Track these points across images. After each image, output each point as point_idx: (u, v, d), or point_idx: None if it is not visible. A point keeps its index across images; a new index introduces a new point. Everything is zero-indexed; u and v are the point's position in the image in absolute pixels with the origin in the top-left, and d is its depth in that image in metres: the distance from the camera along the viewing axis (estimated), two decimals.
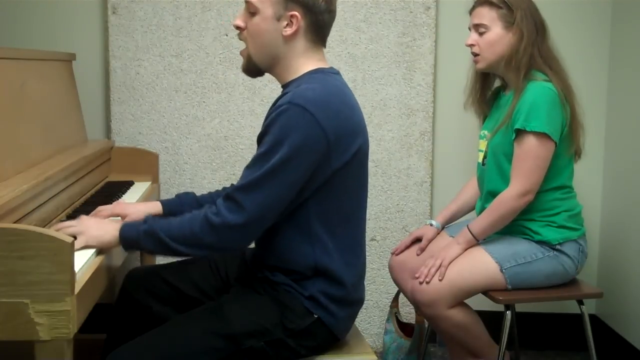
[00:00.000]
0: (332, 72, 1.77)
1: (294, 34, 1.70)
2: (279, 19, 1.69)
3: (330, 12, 1.73)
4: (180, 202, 1.98)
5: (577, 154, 2.27)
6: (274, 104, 1.72)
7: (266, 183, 1.61)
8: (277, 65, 1.75)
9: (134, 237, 1.68)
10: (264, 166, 1.61)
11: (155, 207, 1.97)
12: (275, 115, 1.62)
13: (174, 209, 1.96)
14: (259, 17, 1.71)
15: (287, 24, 1.69)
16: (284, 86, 1.77)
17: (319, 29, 1.73)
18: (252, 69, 1.79)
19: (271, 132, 1.62)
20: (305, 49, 1.73)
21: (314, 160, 1.63)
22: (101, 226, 1.72)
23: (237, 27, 1.76)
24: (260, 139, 1.68)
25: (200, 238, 1.63)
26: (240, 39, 1.77)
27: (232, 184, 2.04)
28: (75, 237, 1.58)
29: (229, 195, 1.64)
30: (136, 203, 2.04)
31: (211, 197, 2.00)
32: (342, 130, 1.66)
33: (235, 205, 1.61)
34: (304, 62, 1.74)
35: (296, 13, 1.68)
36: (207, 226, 1.62)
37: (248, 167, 1.66)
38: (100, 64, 2.89)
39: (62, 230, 1.69)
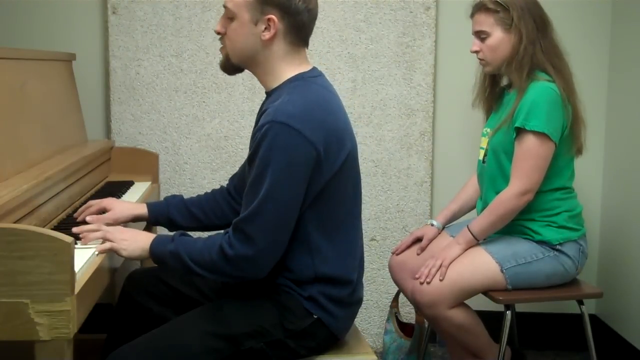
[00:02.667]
0: (313, 76, 1.74)
1: (273, 38, 1.68)
2: (256, 23, 1.67)
3: (310, 12, 1.69)
4: (166, 204, 1.99)
5: (579, 151, 2.27)
6: (257, 121, 1.71)
7: (266, 208, 1.60)
8: (257, 68, 1.74)
9: (161, 255, 1.69)
10: (260, 192, 1.60)
11: (141, 209, 1.98)
12: (261, 136, 1.60)
13: (160, 212, 1.98)
14: (237, 22, 1.69)
15: (265, 28, 1.67)
16: (267, 93, 1.76)
17: (298, 30, 1.69)
18: (229, 68, 1.78)
19: (259, 155, 1.61)
20: (286, 52, 1.71)
21: (307, 174, 1.62)
22: (135, 239, 1.72)
23: (217, 33, 1.75)
24: (250, 160, 1.67)
25: (218, 266, 1.64)
26: (222, 44, 1.76)
27: (221, 186, 2.05)
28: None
29: (237, 226, 1.63)
30: (123, 201, 2.06)
31: (199, 200, 2.00)
32: (328, 139, 1.64)
33: (245, 236, 1.61)
34: (285, 67, 1.72)
35: (273, 16, 1.65)
36: (222, 257, 1.63)
37: (246, 194, 1.65)
38: (100, 64, 2.89)
39: (103, 234, 1.72)
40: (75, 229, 1.72)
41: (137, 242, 1.72)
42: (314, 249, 1.70)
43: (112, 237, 1.72)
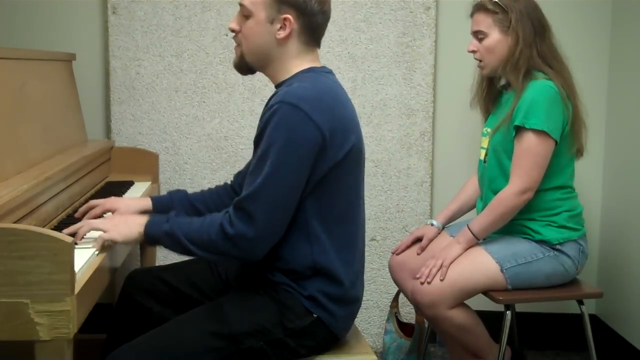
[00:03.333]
0: (325, 71, 1.77)
1: (288, 37, 1.71)
2: (272, 22, 1.70)
3: (324, 14, 1.72)
4: (170, 198, 1.99)
5: (580, 152, 2.27)
6: (267, 104, 1.72)
7: (269, 187, 1.61)
8: (269, 67, 1.76)
9: (156, 235, 1.70)
10: (263, 170, 1.61)
11: (145, 203, 1.98)
12: (269, 116, 1.63)
13: (164, 206, 1.98)
14: (253, 20, 1.71)
15: (280, 27, 1.70)
16: (277, 86, 1.78)
17: (312, 31, 1.73)
18: (244, 67, 1.80)
19: (266, 134, 1.63)
20: (299, 51, 1.73)
21: (312, 156, 1.63)
22: (127, 222, 1.73)
23: (232, 30, 1.76)
24: (256, 141, 1.68)
25: (217, 246, 1.65)
26: (236, 42, 1.78)
27: (225, 183, 2.06)
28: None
29: (239, 204, 1.63)
30: (126, 198, 2.06)
31: (203, 196, 2.01)
32: (335, 126, 1.66)
33: (246, 215, 1.62)
34: (297, 64, 1.74)
35: (289, 16, 1.68)
36: (222, 235, 1.63)
37: (250, 173, 1.66)
38: (100, 64, 2.89)
39: (90, 225, 1.72)
40: (65, 231, 1.71)
41: (129, 225, 1.72)
42: (312, 238, 1.70)
43: (102, 227, 1.72)
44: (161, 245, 1.71)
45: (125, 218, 1.76)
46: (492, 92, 2.39)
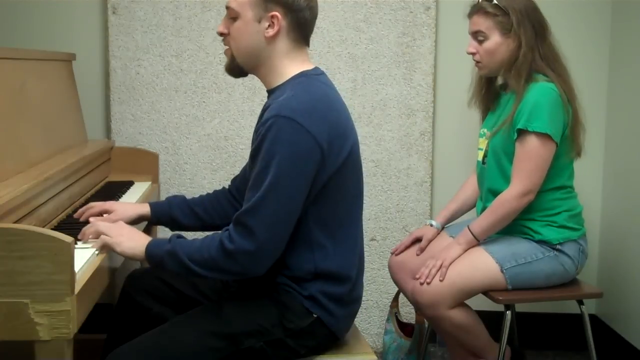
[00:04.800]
0: (316, 74, 1.75)
1: (276, 35, 1.70)
2: (259, 20, 1.69)
3: (311, 9, 1.72)
4: (168, 204, 1.99)
5: (578, 153, 2.27)
6: (260, 117, 1.71)
7: (269, 202, 1.60)
8: (261, 67, 1.75)
9: (158, 256, 1.68)
10: (263, 185, 1.60)
11: (143, 209, 1.98)
12: (265, 131, 1.61)
13: (162, 211, 1.98)
14: (241, 21, 1.71)
15: (268, 25, 1.69)
16: (269, 92, 1.77)
17: (301, 28, 1.72)
18: (235, 69, 1.79)
19: (263, 149, 1.61)
20: (289, 49, 1.73)
21: (311, 169, 1.62)
22: (132, 238, 1.72)
23: (220, 34, 1.76)
24: (253, 155, 1.67)
25: (217, 263, 1.63)
26: (225, 45, 1.78)
27: (223, 187, 2.06)
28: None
29: (238, 219, 1.62)
30: (124, 202, 2.06)
31: (201, 200, 2.00)
32: (332, 134, 1.65)
33: (246, 230, 1.60)
34: (288, 64, 1.73)
35: (276, 13, 1.68)
36: (222, 252, 1.62)
37: (249, 189, 1.65)
38: (100, 64, 2.89)
39: (97, 227, 1.73)
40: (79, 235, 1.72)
41: (133, 240, 1.71)
42: (315, 245, 1.70)
43: (107, 231, 1.71)
44: (163, 266, 1.68)
45: (131, 232, 1.74)
46: (491, 91, 2.39)
